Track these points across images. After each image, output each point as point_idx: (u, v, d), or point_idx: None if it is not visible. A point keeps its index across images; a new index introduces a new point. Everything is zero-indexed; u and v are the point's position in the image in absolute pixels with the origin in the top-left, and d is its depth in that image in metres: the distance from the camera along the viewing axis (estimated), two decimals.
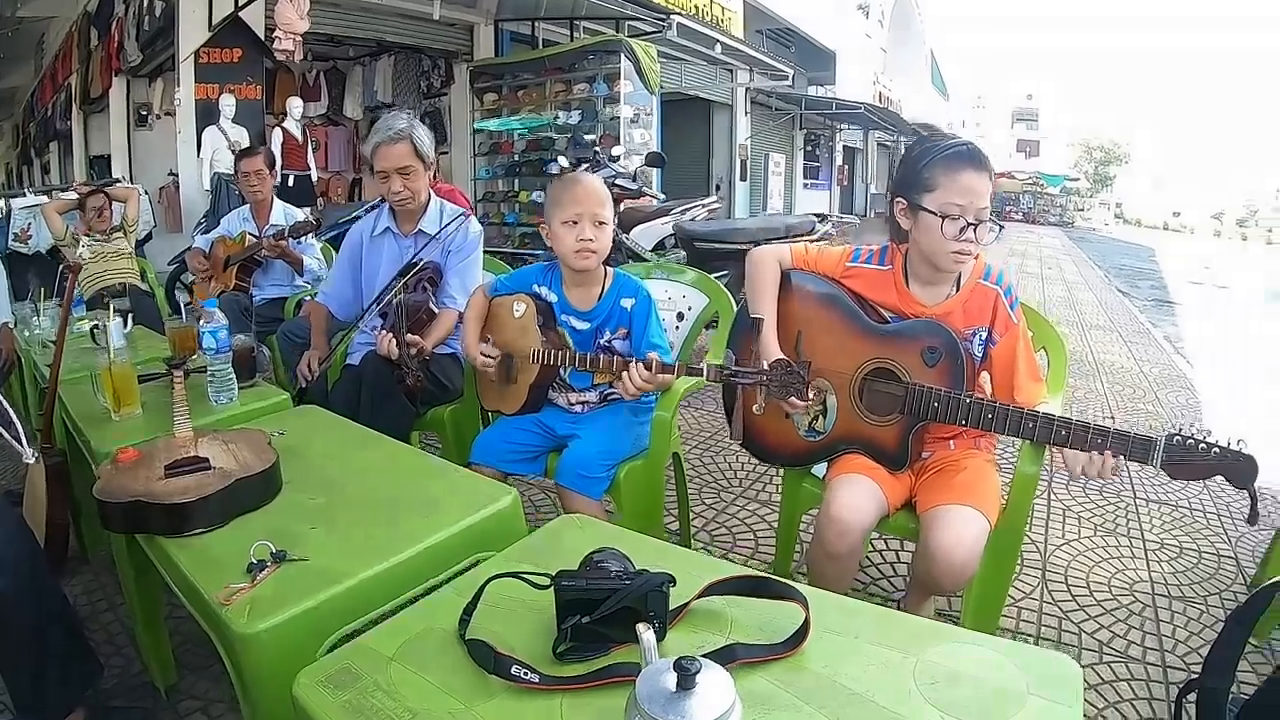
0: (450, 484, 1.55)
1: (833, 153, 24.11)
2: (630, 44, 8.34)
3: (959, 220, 1.61)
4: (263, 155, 3.85)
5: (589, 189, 1.98)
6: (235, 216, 4.00)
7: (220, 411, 2.04)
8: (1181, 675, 2.08)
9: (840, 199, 25.44)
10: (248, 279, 3.86)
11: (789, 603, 0.96)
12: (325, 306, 2.82)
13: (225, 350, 2.13)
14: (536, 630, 0.98)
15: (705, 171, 17.13)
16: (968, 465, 1.75)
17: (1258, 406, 5.02)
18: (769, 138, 19.30)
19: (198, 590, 1.20)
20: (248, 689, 1.14)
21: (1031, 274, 12.24)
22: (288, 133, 7.25)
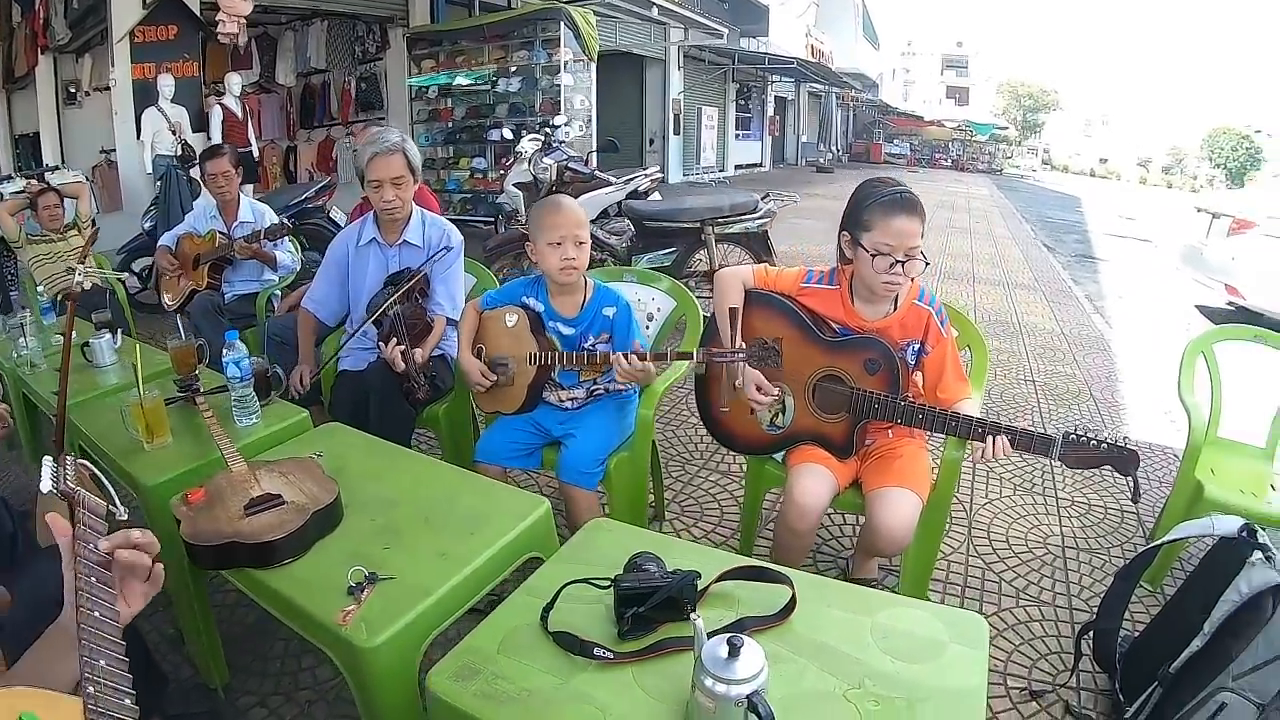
0: (491, 498, 1.81)
1: (764, 104, 24.47)
2: (569, 11, 8.51)
3: (889, 257, 1.97)
4: (228, 155, 3.94)
5: (570, 214, 2.26)
6: (202, 213, 4.08)
7: (246, 435, 2.19)
8: (1085, 617, 2.54)
9: (772, 149, 25.83)
10: (218, 276, 3.98)
11: (778, 584, 1.32)
12: (314, 315, 2.98)
13: (249, 377, 2.26)
14: (596, 618, 1.31)
15: (639, 127, 17.31)
16: (904, 452, 2.15)
17: (1166, 375, 5.55)
18: (702, 92, 19.53)
19: (309, 614, 1.43)
20: (369, 692, 1.38)
21: (961, 229, 12.81)
22: (228, 109, 7.20)
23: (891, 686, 1.16)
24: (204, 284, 3.89)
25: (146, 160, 6.57)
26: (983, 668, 1.23)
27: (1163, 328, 7.09)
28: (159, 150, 6.50)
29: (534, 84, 8.91)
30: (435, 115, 9.56)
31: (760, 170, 23.86)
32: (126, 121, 6.76)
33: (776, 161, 26.34)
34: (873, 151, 34.96)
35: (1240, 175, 51.48)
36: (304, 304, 3.02)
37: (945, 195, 19.96)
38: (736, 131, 22.50)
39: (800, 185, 19.29)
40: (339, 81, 10.29)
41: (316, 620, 1.42)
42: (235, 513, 1.63)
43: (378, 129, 2.88)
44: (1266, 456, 2.87)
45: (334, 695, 2.07)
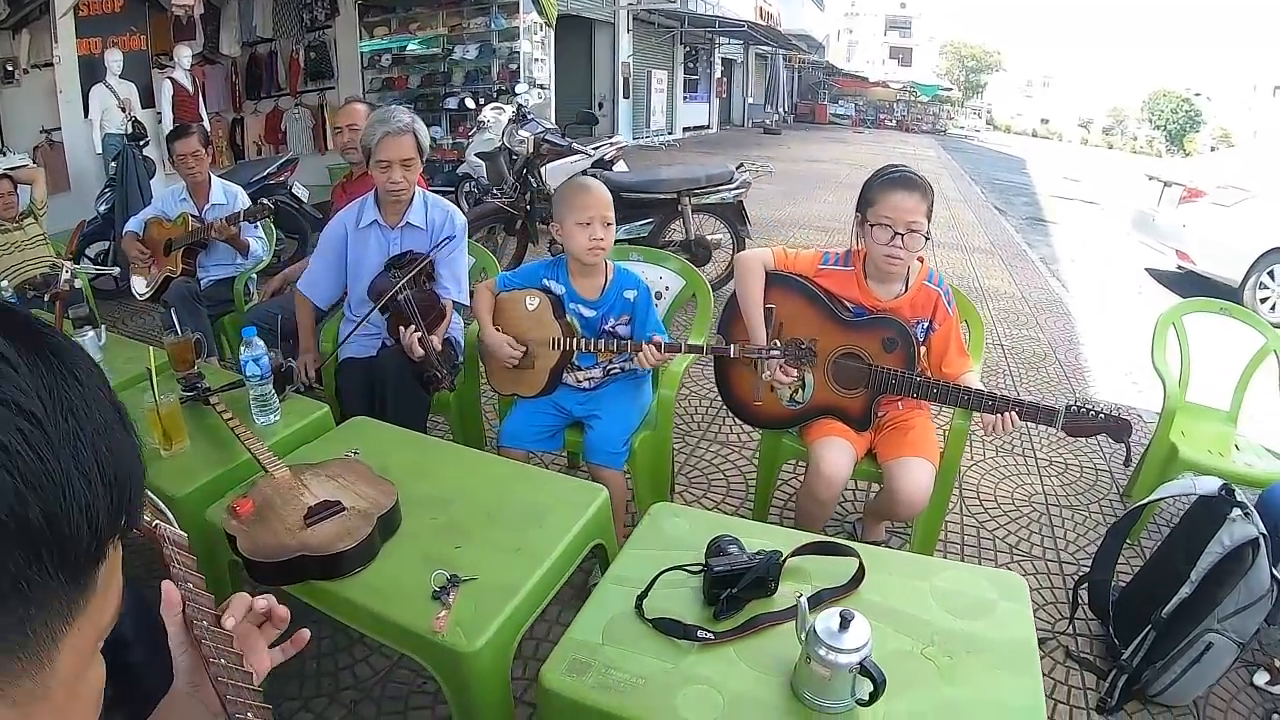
0: (547, 489, 1.84)
1: (711, 66, 24.44)
2: None
3: (889, 229, 2.11)
4: (197, 135, 3.77)
5: (598, 195, 2.30)
6: (170, 196, 3.91)
7: (268, 434, 2.13)
8: (1073, 569, 2.75)
9: (719, 111, 25.85)
10: (192, 261, 3.83)
11: (844, 557, 1.45)
12: (310, 300, 2.91)
13: (269, 375, 2.22)
14: (683, 601, 1.41)
15: (588, 91, 17.21)
16: (915, 423, 2.31)
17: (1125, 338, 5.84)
18: (651, 55, 19.47)
19: (396, 622, 1.43)
20: (469, 694, 1.41)
21: None
22: (178, 84, 6.98)
23: (957, 642, 1.31)
24: (179, 270, 3.75)
25: (96, 139, 6.37)
26: (1029, 620, 1.40)
27: (1116, 291, 7.42)
28: (108, 129, 6.31)
29: (491, 51, 8.83)
30: (389, 84, 9.43)
31: (708, 132, 23.89)
32: (72, 100, 6.53)
33: (724, 123, 26.41)
34: (818, 113, 35.24)
35: (1179, 137, 53.16)
36: (299, 288, 2.95)
37: (895, 158, 20.20)
38: (684, 94, 22.48)
39: (750, 148, 19.41)
40: (286, 51, 10.00)
41: (406, 628, 1.42)
42: (294, 523, 1.58)
43: (386, 108, 2.82)
44: (1230, 419, 3.12)
45: (379, 693, 2.05)
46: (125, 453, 0.49)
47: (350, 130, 3.57)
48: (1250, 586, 2.02)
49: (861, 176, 2.37)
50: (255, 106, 10.14)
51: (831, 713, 1.15)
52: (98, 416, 0.47)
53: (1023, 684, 1.26)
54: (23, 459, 0.41)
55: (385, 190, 2.73)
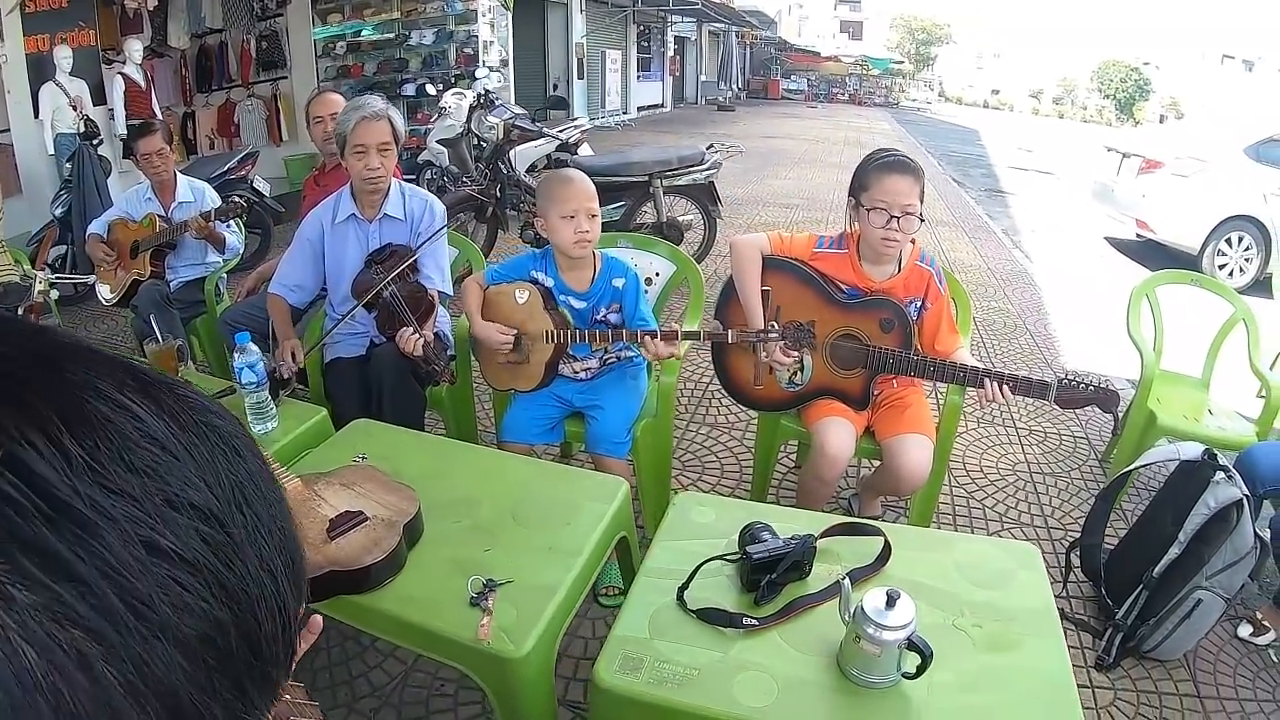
0: (568, 484, 1.85)
1: (664, 44, 24.38)
2: None
3: (885, 213, 2.16)
4: (160, 132, 3.66)
5: (581, 187, 2.30)
6: (135, 196, 3.77)
7: (266, 442, 2.03)
8: (1060, 534, 2.86)
9: (672, 89, 25.82)
10: (160, 263, 3.70)
11: (869, 536, 1.51)
12: (283, 298, 2.82)
13: (265, 381, 2.15)
14: (721, 589, 1.45)
15: (542, 73, 17.09)
16: (911, 400, 2.38)
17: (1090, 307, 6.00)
18: (605, 35, 19.37)
19: (437, 632, 1.41)
20: (516, 700, 1.40)
21: None
22: (129, 79, 6.81)
23: (984, 612, 1.38)
24: (147, 273, 3.62)
25: (47, 140, 6.13)
26: (1047, 586, 1.47)
27: (1078, 260, 7.61)
28: (60, 128, 6.09)
29: (448, 36, 8.73)
30: (344, 72, 9.25)
31: (662, 111, 23.85)
32: (21, 100, 6.24)
33: (677, 101, 26.38)
34: (770, 88, 35.33)
35: (1129, 106, 54.23)
36: (273, 289, 2.85)
37: (851, 131, 20.43)
38: (638, 73, 22.43)
39: (706, 125, 19.45)
40: (237, 41, 9.75)
41: (448, 638, 1.41)
42: (317, 538, 1.54)
43: (360, 97, 2.78)
44: (1203, 386, 3.25)
45: (398, 699, 2.04)
46: (288, 519, 0.43)
47: (331, 119, 3.28)
48: (1235, 545, 2.14)
49: (819, 152, 2.44)
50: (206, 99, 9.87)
51: (879, 687, 1.20)
52: (265, 491, 0.40)
53: (1048, 645, 1.34)
54: (212, 573, 0.33)
55: (362, 178, 2.65)
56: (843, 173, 11.87)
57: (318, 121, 3.47)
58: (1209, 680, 2.23)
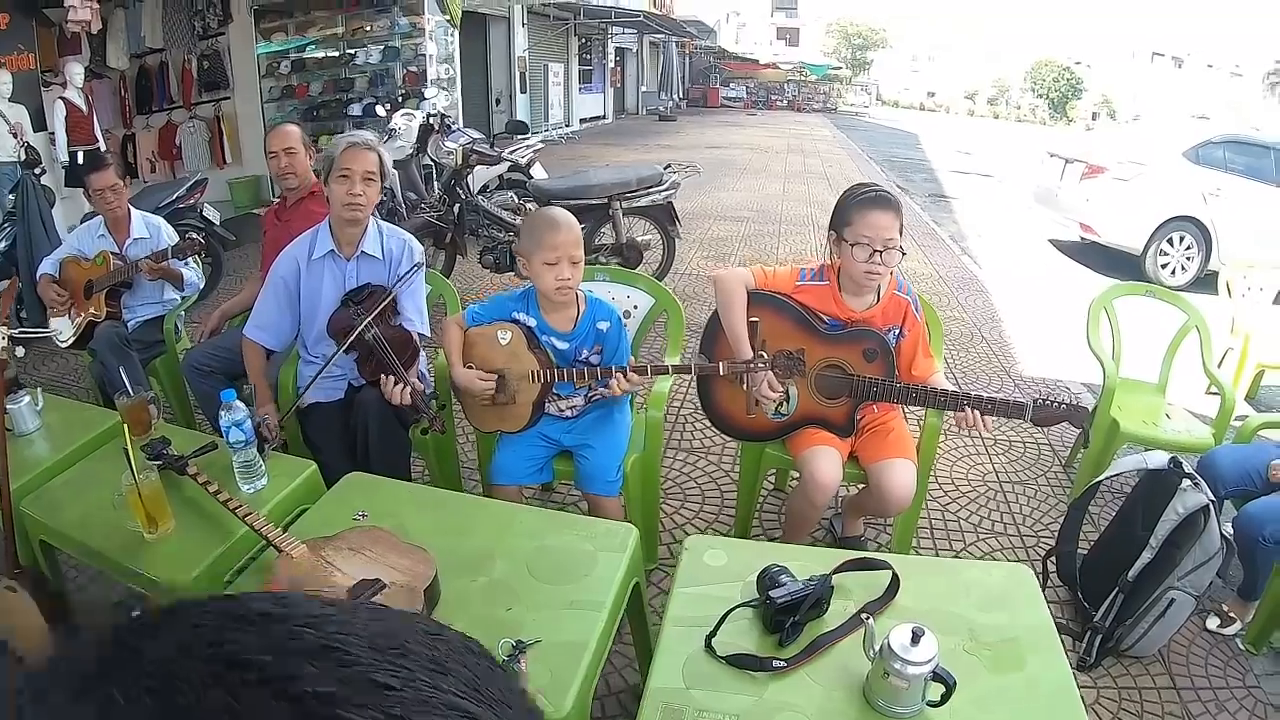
0: (580, 533, 1.83)
1: (605, 56, 24.53)
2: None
3: (868, 247, 2.26)
4: (114, 167, 3.51)
5: (567, 233, 2.27)
6: (87, 232, 3.64)
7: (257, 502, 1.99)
8: (1034, 542, 3.00)
9: (614, 100, 25.97)
10: (116, 303, 3.57)
11: (877, 570, 1.59)
12: (260, 344, 2.76)
13: (253, 439, 2.09)
14: (743, 633, 1.50)
15: (484, 88, 17.06)
16: (893, 425, 2.49)
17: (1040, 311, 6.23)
18: (547, 48, 19.42)
19: None
20: None
21: (818, 175, 13.52)
22: (70, 103, 6.65)
23: (990, 634, 1.47)
24: (103, 314, 3.48)
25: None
26: (1043, 605, 1.58)
27: (1025, 263, 7.88)
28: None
29: (395, 54, 8.71)
30: (289, 92, 9.14)
31: (604, 122, 23.97)
32: None
33: (618, 112, 26.52)
34: (710, 97, 35.75)
35: (1062, 105, 56.11)
36: (247, 332, 2.77)
37: (793, 139, 20.76)
38: (580, 85, 22.54)
39: (649, 136, 19.66)
40: (178, 61, 9.57)
41: None
42: None
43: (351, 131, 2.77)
44: (1159, 391, 3.43)
45: None
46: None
47: (286, 155, 3.37)
48: (1204, 546, 2.31)
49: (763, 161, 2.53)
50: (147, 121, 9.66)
51: (905, 716, 1.29)
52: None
53: (1050, 660, 1.45)
54: None
55: (342, 204, 2.59)
56: (789, 182, 12.20)
57: (273, 156, 3.39)
58: (1183, 672, 2.40)
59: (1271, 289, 4.58)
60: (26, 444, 2.37)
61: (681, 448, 3.65)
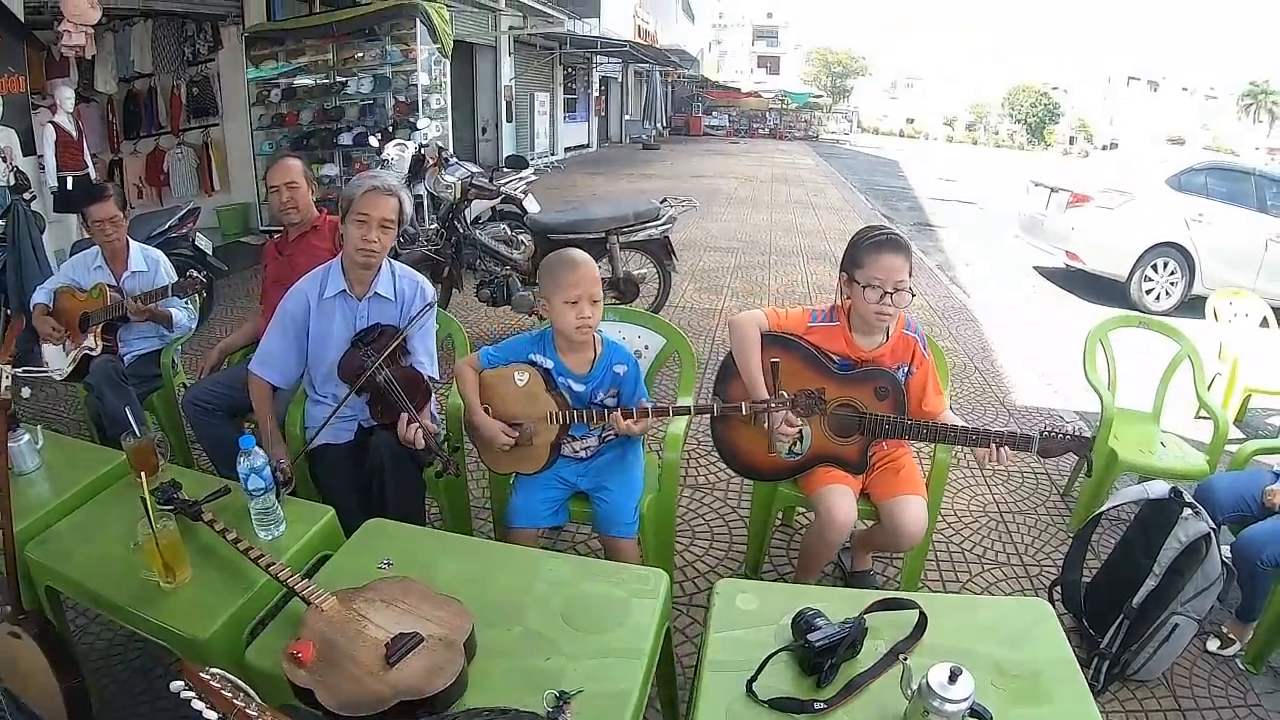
0: (612, 580, 1.83)
1: (589, 85, 24.81)
2: (425, 8, 8.39)
3: (879, 289, 2.34)
4: (114, 198, 3.44)
5: (586, 272, 2.31)
6: (83, 263, 3.56)
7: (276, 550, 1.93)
8: (1036, 571, 3.08)
9: (598, 129, 26.21)
10: (113, 337, 3.53)
11: (904, 610, 1.65)
12: (267, 382, 2.72)
13: (272, 486, 2.04)
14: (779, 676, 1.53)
15: (471, 116, 17.17)
16: (903, 462, 2.56)
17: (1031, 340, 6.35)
18: (533, 77, 19.59)
19: None
20: None
21: (803, 204, 13.71)
22: (60, 128, 6.52)
23: (1015, 668, 1.54)
24: (99, 348, 3.44)
25: None
26: (1063, 639, 1.65)
27: (1012, 291, 8.02)
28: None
29: (387, 84, 8.71)
30: (279, 120, 9.09)
31: (588, 151, 24.20)
32: None
33: (602, 141, 26.78)
34: (692, 125, 36.18)
35: (1040, 130, 57.12)
36: (254, 369, 2.72)
37: (776, 168, 21.03)
38: (565, 114, 22.75)
39: (634, 165, 19.88)
40: (167, 87, 9.57)
41: None
42: (373, 665, 1.47)
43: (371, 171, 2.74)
44: (1153, 419, 3.54)
45: None
46: None
47: (289, 189, 3.30)
48: (1206, 572, 2.40)
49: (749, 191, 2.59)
50: (135, 146, 9.58)
51: None
52: None
53: (1074, 692, 1.51)
54: None
55: (356, 248, 2.58)
56: (776, 212, 12.35)
57: (274, 190, 3.33)
58: (1188, 694, 2.49)
59: (1257, 314, 4.72)
60: (27, 484, 2.28)
61: (688, 484, 3.69)
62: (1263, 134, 51.19)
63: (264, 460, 2.01)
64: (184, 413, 3.17)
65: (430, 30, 8.40)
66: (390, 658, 1.46)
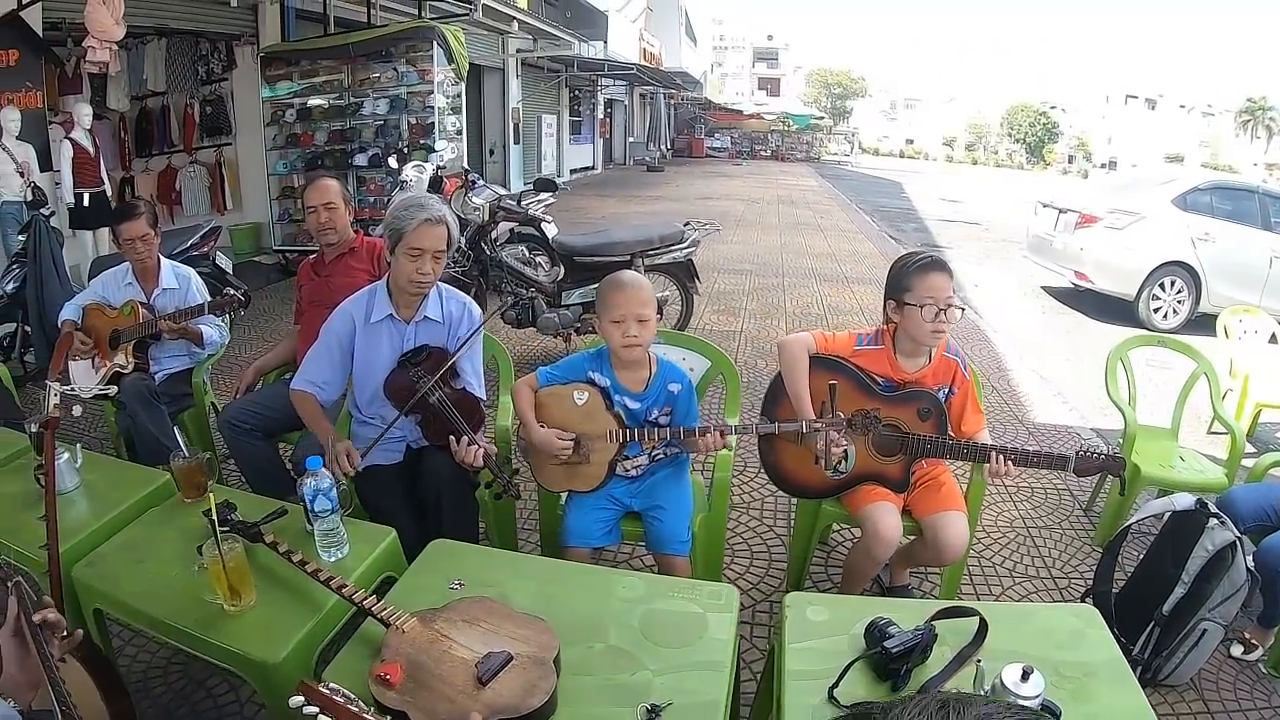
0: (687, 596, 1.88)
1: (595, 107, 25.05)
2: (441, 30, 8.50)
3: (934, 307, 2.47)
4: (145, 216, 3.45)
5: (633, 293, 2.39)
6: (113, 279, 3.56)
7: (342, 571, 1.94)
8: (1065, 584, 3.19)
9: (602, 151, 26.42)
10: (144, 355, 3.52)
11: (965, 617, 1.77)
12: (313, 395, 2.71)
13: (338, 508, 2.04)
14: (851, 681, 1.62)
15: (478, 138, 17.23)
16: (944, 479, 2.68)
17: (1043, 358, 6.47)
18: (540, 99, 19.82)
19: None
20: None
21: (811, 226, 13.86)
22: (78, 144, 6.60)
23: (1072, 670, 1.65)
24: (130, 365, 3.43)
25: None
26: (1112, 641, 1.77)
27: (1022, 311, 8.15)
28: (5, 196, 5.89)
29: (403, 105, 8.77)
30: (294, 140, 9.08)
31: (593, 173, 24.41)
32: None
33: (607, 163, 27.01)
34: (695, 147, 36.43)
35: (1039, 148, 57.47)
36: (298, 385, 2.74)
37: (781, 189, 21.20)
38: (570, 136, 22.97)
39: (640, 187, 20.04)
40: (179, 104, 9.67)
41: None
42: (465, 685, 1.48)
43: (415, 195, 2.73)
44: (1172, 435, 3.66)
45: None
46: None
47: (326, 210, 3.31)
48: (1233, 579, 2.53)
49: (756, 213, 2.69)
50: (146, 164, 9.64)
51: None
52: None
53: (1127, 689, 1.63)
54: None
55: (409, 280, 2.58)
56: (785, 234, 12.50)
57: (311, 211, 3.32)
58: (1215, 697, 2.61)
59: (1266, 330, 4.86)
60: (67, 504, 2.24)
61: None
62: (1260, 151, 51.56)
63: (330, 481, 2.02)
64: (221, 433, 3.16)
65: (446, 52, 8.47)
66: (482, 677, 1.47)
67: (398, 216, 2.57)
